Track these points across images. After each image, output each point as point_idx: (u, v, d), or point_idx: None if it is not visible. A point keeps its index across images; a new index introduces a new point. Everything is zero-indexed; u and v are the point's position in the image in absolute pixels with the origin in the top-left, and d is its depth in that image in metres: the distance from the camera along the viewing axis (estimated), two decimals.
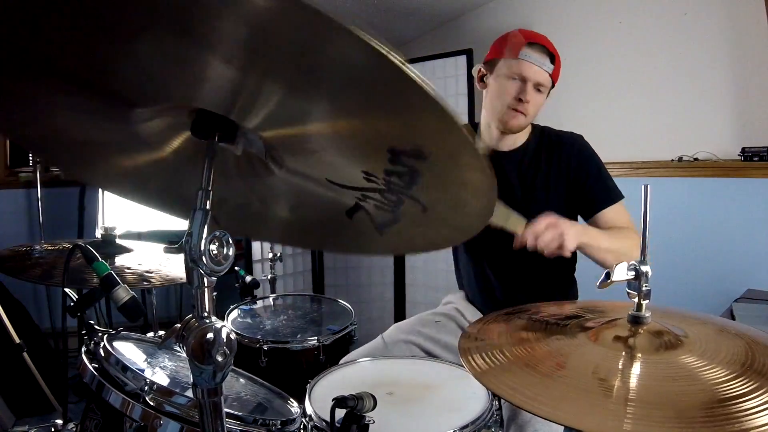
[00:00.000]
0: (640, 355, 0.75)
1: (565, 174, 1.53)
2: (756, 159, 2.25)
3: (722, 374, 0.68)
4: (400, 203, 0.74)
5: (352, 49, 0.47)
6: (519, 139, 1.58)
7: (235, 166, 0.75)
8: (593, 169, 1.53)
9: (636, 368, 0.72)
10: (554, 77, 1.51)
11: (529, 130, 1.60)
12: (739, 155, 2.31)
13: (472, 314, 1.63)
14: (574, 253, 1.64)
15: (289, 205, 0.86)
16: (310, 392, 1.14)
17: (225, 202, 0.89)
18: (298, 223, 0.94)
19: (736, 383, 0.66)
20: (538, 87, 1.47)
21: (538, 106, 1.50)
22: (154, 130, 0.71)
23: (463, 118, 3.36)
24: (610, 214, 1.51)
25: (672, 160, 2.53)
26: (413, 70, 0.48)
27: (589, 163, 1.53)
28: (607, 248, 1.37)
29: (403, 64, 0.47)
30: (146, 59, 0.53)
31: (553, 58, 1.47)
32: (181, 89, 0.60)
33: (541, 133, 1.60)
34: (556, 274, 1.62)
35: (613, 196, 1.53)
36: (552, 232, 1.26)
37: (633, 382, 0.69)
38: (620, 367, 0.73)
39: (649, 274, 0.80)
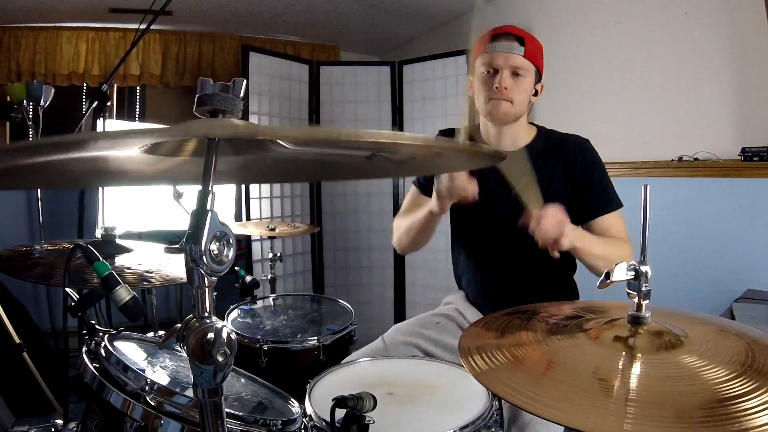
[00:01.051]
0: (640, 355, 0.75)
1: (570, 177, 1.53)
2: (756, 159, 2.25)
3: (722, 374, 0.68)
4: (414, 153, 0.77)
5: None
6: (520, 139, 1.58)
7: (247, 146, 0.76)
8: (597, 174, 1.53)
9: (636, 368, 0.72)
10: (533, 59, 1.49)
11: (533, 131, 1.60)
12: (739, 155, 2.30)
13: (473, 315, 1.63)
14: (573, 258, 1.65)
15: (307, 157, 0.87)
16: (310, 392, 1.14)
17: (244, 166, 0.91)
18: (318, 166, 0.95)
19: (737, 383, 0.66)
20: (515, 72, 1.48)
21: (523, 92, 1.50)
22: (166, 149, 0.72)
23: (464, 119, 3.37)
24: (607, 221, 1.52)
25: (672, 160, 2.53)
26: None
27: (594, 168, 1.54)
28: (599, 255, 1.40)
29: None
30: None
31: (523, 40, 1.48)
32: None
33: (547, 136, 1.60)
34: (557, 276, 1.63)
35: (612, 203, 1.53)
36: (555, 223, 1.27)
37: (633, 382, 0.69)
38: (620, 367, 0.73)
39: (649, 274, 0.80)
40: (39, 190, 3.29)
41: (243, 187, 3.43)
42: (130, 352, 1.17)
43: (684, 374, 0.70)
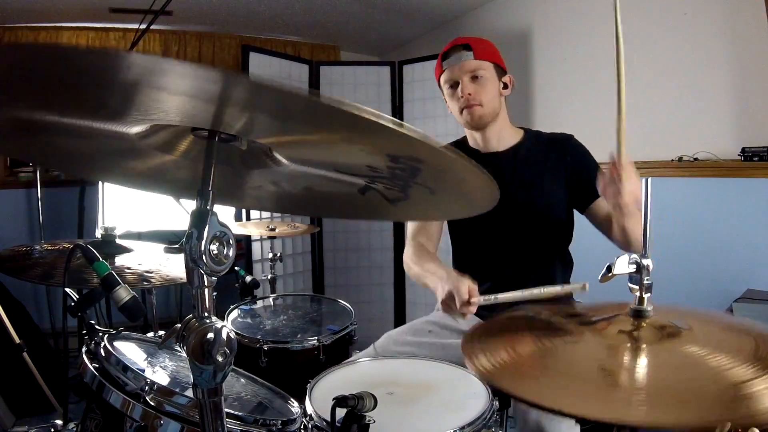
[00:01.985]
0: (644, 345, 0.75)
1: (564, 170, 1.58)
2: (756, 159, 2.25)
3: (727, 361, 0.68)
4: (407, 187, 0.76)
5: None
6: (507, 139, 1.63)
7: (242, 159, 0.76)
8: (589, 163, 1.59)
9: (641, 358, 0.72)
10: (485, 57, 1.55)
11: (520, 133, 1.66)
12: (739, 155, 2.30)
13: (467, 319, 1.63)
14: (570, 257, 1.66)
15: (301, 186, 0.88)
16: (311, 392, 1.14)
17: (239, 187, 0.91)
18: (312, 198, 0.96)
19: (742, 368, 0.65)
20: (473, 76, 1.54)
21: (488, 92, 1.55)
22: (161, 140, 0.72)
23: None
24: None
25: (672, 160, 2.53)
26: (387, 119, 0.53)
27: (585, 158, 1.60)
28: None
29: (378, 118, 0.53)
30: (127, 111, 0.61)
31: (469, 46, 1.54)
32: (164, 116, 0.63)
33: (535, 136, 1.66)
34: (558, 269, 1.65)
35: None
36: (637, 181, 1.28)
37: (639, 371, 0.69)
38: (625, 358, 0.73)
39: (651, 267, 0.80)
40: (39, 190, 3.30)
41: None
42: (130, 352, 1.17)
43: (689, 363, 0.69)
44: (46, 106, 0.60)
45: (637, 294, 0.81)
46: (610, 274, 0.81)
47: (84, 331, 1.14)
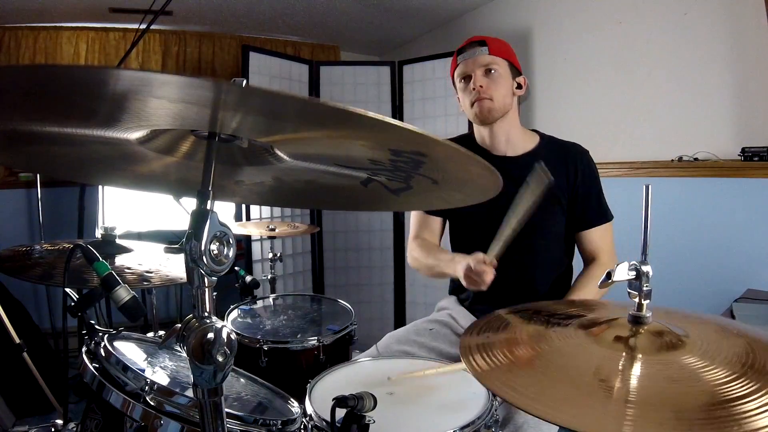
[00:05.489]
0: (640, 355, 0.75)
1: (571, 185, 1.58)
2: (756, 159, 2.25)
3: (723, 375, 0.68)
4: (410, 178, 0.77)
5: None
6: (518, 143, 1.61)
7: (244, 156, 0.76)
8: (595, 187, 1.59)
9: (636, 369, 0.72)
10: (500, 54, 1.56)
11: (535, 137, 1.64)
12: (739, 155, 2.30)
13: (466, 319, 1.64)
14: (570, 261, 1.68)
15: (303, 179, 0.88)
16: (311, 392, 1.14)
17: (241, 183, 0.91)
18: (315, 191, 0.97)
19: (737, 384, 0.66)
20: (486, 70, 1.55)
21: (500, 88, 1.55)
22: (161, 143, 0.72)
23: (463, 118, 3.38)
24: (598, 233, 1.59)
25: (672, 160, 2.53)
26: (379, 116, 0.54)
27: (593, 180, 1.60)
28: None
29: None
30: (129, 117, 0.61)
31: (485, 42, 1.56)
32: (161, 121, 0.63)
33: (548, 143, 1.64)
34: (555, 276, 1.64)
35: (606, 215, 1.60)
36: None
37: (633, 382, 0.69)
38: (620, 367, 0.73)
39: (650, 274, 0.80)
40: (39, 190, 3.30)
41: None
42: (130, 352, 1.17)
43: (684, 375, 0.69)
44: (40, 118, 0.60)
45: (636, 300, 0.81)
46: (610, 281, 0.81)
47: (84, 331, 1.14)
